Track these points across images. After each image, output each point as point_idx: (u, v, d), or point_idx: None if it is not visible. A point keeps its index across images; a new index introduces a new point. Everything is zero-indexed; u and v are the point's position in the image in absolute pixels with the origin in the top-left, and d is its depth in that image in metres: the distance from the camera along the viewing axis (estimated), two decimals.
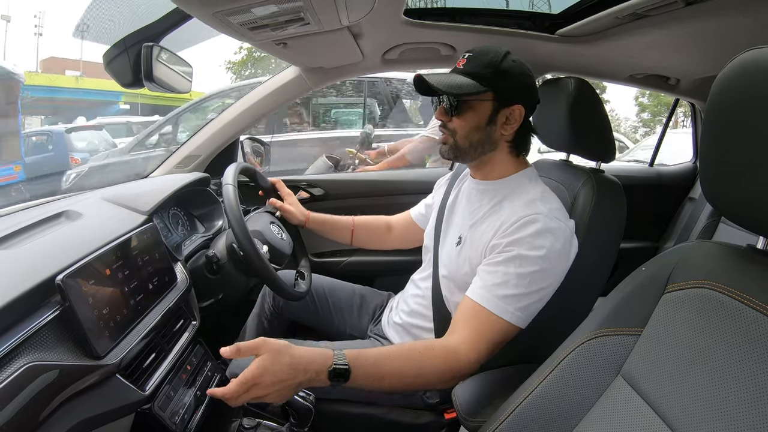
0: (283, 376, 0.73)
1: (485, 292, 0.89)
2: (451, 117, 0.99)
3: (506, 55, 0.96)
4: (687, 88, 1.69)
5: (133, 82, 1.15)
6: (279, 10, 0.90)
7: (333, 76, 1.58)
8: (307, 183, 1.85)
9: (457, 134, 0.99)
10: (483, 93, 0.94)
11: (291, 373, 0.73)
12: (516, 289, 0.87)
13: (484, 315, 0.87)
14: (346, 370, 0.76)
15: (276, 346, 0.74)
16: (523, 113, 0.97)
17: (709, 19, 1.01)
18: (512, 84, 0.95)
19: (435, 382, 0.86)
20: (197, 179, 1.42)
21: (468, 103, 0.96)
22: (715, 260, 0.59)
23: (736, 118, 0.51)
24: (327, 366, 0.76)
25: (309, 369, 0.75)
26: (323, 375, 0.76)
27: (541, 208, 0.92)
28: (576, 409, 0.64)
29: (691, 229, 1.96)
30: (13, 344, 0.65)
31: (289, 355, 0.74)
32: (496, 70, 0.94)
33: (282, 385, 0.73)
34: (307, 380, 0.75)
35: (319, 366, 0.76)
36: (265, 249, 1.20)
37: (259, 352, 0.73)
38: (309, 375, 0.75)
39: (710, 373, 0.52)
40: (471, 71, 0.95)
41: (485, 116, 0.97)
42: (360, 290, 1.44)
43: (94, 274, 0.81)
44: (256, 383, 0.72)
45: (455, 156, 1.03)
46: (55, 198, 1.21)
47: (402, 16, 1.18)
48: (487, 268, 0.91)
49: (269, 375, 0.72)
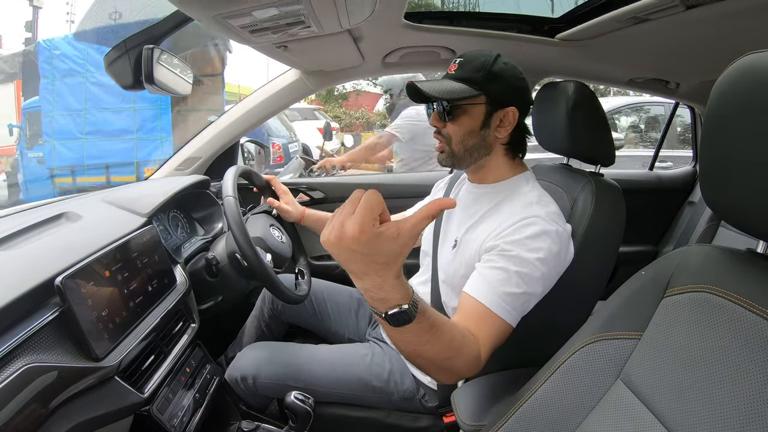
0: (379, 259, 0.58)
1: (486, 288, 0.86)
2: (446, 123, 0.99)
3: (497, 58, 0.96)
4: (687, 92, 1.70)
5: (134, 84, 1.15)
6: (280, 13, 0.91)
7: (333, 79, 1.58)
8: (306, 186, 1.85)
9: (453, 140, 0.99)
10: (476, 97, 0.95)
11: (375, 269, 0.59)
12: (516, 287, 0.86)
13: (487, 314, 0.86)
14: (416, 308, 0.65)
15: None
16: (516, 115, 0.97)
17: (709, 23, 1.01)
18: (504, 86, 0.95)
19: (455, 373, 0.77)
20: (197, 182, 1.42)
21: (461, 107, 0.96)
22: (714, 264, 0.59)
23: (736, 122, 0.51)
24: (409, 295, 0.64)
25: (395, 282, 0.61)
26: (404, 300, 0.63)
27: (539, 210, 0.92)
28: (575, 413, 0.64)
29: (690, 233, 1.96)
30: (12, 345, 0.65)
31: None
32: (487, 73, 0.94)
33: (373, 259, 0.58)
34: (384, 273, 0.60)
35: (405, 289, 0.64)
36: (269, 258, 1.20)
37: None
38: (392, 283, 0.61)
39: (710, 377, 0.52)
40: (463, 76, 0.96)
41: (479, 120, 0.97)
42: (358, 294, 1.44)
43: (93, 275, 0.81)
44: (351, 247, 0.56)
45: (452, 164, 1.02)
46: (55, 199, 1.21)
47: (402, 19, 1.18)
48: (486, 264, 0.90)
49: (366, 249, 0.57)
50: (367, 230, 0.55)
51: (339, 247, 0.57)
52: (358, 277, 0.61)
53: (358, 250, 0.56)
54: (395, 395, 1.10)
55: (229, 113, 1.63)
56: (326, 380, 1.12)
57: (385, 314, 0.64)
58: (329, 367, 1.14)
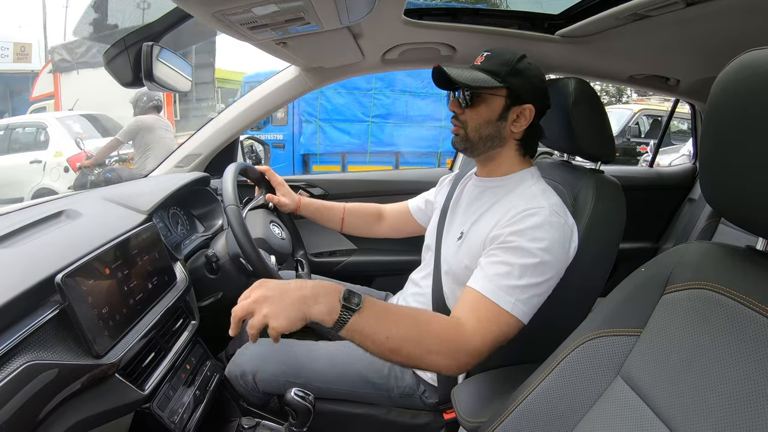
0: (287, 287, 0.72)
1: (487, 282, 0.87)
2: (464, 109, 1.01)
3: (523, 57, 0.99)
4: (687, 89, 1.70)
5: (133, 81, 1.15)
6: (279, 10, 0.90)
7: (333, 75, 1.58)
8: (306, 183, 1.85)
9: (468, 126, 1.01)
10: (497, 88, 0.97)
11: (298, 284, 0.73)
12: (518, 280, 0.86)
13: (487, 305, 0.86)
14: (359, 297, 0.75)
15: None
16: (533, 113, 0.99)
17: (710, 19, 1.01)
18: (525, 83, 0.98)
19: (434, 351, 0.80)
20: (197, 178, 1.42)
21: (481, 96, 0.99)
22: (714, 261, 0.59)
23: (736, 119, 0.51)
24: (340, 288, 0.75)
25: (317, 285, 0.74)
26: (335, 295, 0.74)
27: (543, 202, 0.93)
28: (575, 410, 0.64)
29: (690, 230, 1.96)
30: (13, 343, 0.65)
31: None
32: (512, 69, 0.97)
33: (287, 295, 0.72)
34: (314, 296, 0.72)
35: (330, 285, 0.75)
36: (273, 260, 1.21)
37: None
38: (317, 290, 0.73)
39: (709, 374, 0.52)
40: (488, 68, 0.98)
41: (497, 111, 0.99)
42: (358, 290, 1.45)
43: (93, 273, 0.81)
44: (258, 297, 0.71)
45: (465, 148, 1.04)
46: (55, 197, 1.21)
47: (402, 16, 1.18)
48: (488, 259, 0.91)
49: (272, 285, 0.73)
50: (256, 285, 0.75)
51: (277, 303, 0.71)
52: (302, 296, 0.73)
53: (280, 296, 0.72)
54: (395, 391, 1.11)
55: (229, 110, 1.63)
56: (326, 377, 1.12)
57: (345, 299, 0.74)
58: (329, 363, 1.14)
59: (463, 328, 0.83)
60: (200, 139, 1.62)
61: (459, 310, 0.88)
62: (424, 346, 0.79)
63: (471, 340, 0.82)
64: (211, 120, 1.65)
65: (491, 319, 0.85)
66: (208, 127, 1.63)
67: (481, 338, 0.83)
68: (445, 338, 0.81)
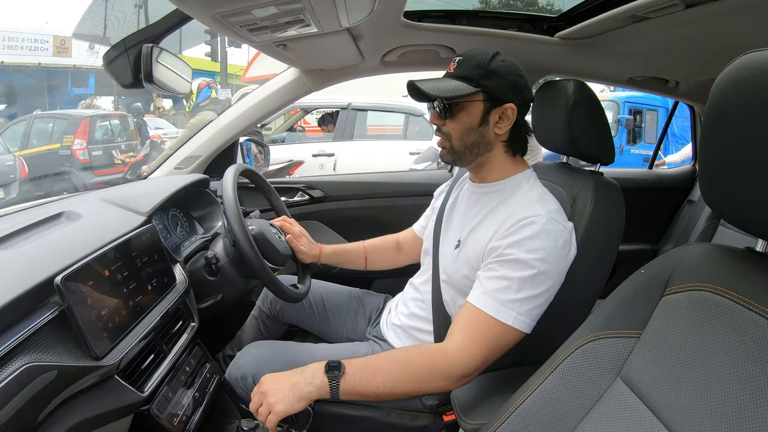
0: (282, 377, 0.87)
1: (487, 298, 0.89)
2: (445, 120, 1.00)
3: (495, 55, 0.97)
4: (686, 91, 1.70)
5: (133, 83, 1.15)
6: (279, 12, 0.90)
7: (333, 77, 1.58)
8: (306, 185, 1.85)
9: (453, 137, 1.00)
10: (473, 94, 0.96)
11: (288, 374, 0.87)
12: (518, 293, 0.87)
13: (482, 319, 0.88)
14: (339, 364, 0.86)
15: None
16: (515, 112, 0.98)
17: (709, 21, 1.01)
18: (502, 83, 0.96)
19: (424, 380, 0.87)
20: (197, 180, 1.42)
21: (460, 105, 0.97)
22: (714, 263, 0.59)
23: (735, 120, 0.51)
24: (321, 364, 0.86)
25: (305, 369, 0.87)
26: (320, 372, 0.85)
27: (539, 210, 0.92)
28: (575, 412, 0.64)
29: (690, 232, 1.96)
30: (12, 345, 0.65)
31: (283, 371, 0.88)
32: (485, 71, 0.95)
33: (282, 384, 0.85)
34: (304, 380, 0.85)
35: (314, 366, 0.87)
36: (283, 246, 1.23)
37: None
38: (306, 373, 0.86)
39: (709, 376, 0.52)
40: (461, 74, 0.97)
41: (477, 117, 0.98)
42: (357, 293, 1.44)
43: (93, 275, 0.81)
44: (263, 391, 0.86)
45: (453, 159, 1.03)
46: (55, 198, 1.21)
47: (401, 18, 1.18)
48: (487, 273, 0.91)
49: (269, 379, 0.87)
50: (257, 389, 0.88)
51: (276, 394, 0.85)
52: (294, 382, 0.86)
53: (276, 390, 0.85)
54: None
55: (229, 112, 1.63)
56: None
57: (327, 372, 0.85)
58: None
59: (444, 354, 0.88)
60: (200, 140, 1.62)
61: (455, 325, 0.92)
62: (413, 381, 0.87)
63: (458, 359, 0.87)
64: (211, 122, 1.65)
65: (486, 332, 0.88)
66: (208, 129, 1.63)
67: (468, 355, 0.87)
68: (432, 366, 0.87)
